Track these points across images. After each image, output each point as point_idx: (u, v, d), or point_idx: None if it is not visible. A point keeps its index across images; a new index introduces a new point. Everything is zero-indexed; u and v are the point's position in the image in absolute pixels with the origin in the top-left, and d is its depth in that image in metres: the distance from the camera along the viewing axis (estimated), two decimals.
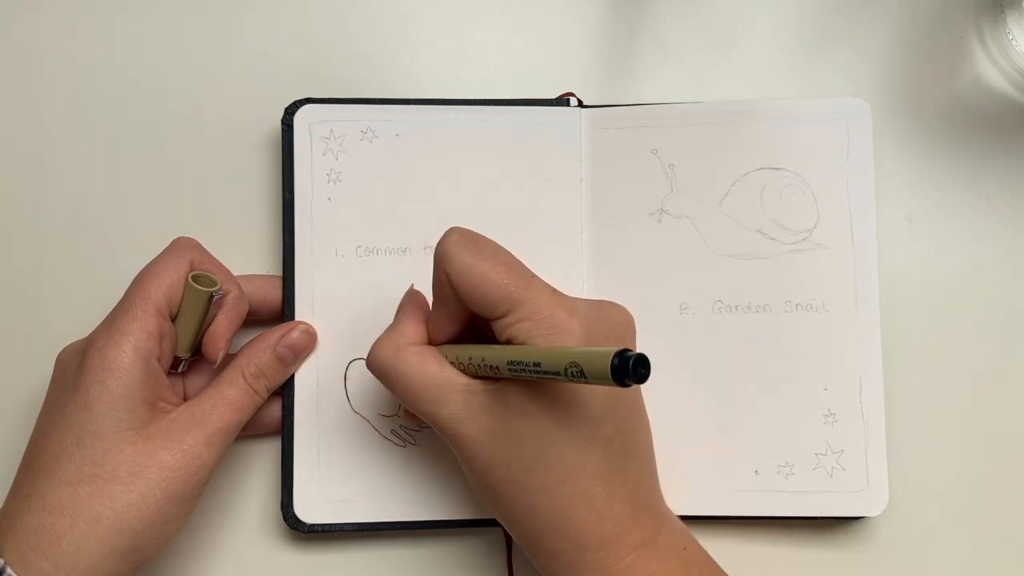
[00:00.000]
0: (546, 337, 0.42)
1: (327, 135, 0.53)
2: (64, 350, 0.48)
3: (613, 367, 0.36)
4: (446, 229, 0.44)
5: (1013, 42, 0.55)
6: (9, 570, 0.42)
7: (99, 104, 0.56)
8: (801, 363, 0.53)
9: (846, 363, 0.53)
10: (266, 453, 0.53)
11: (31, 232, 0.55)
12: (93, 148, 0.55)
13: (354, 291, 0.52)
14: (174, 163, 0.55)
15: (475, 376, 0.44)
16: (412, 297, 0.49)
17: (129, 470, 0.44)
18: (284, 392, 0.52)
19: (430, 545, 0.53)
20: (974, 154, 0.56)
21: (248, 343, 0.50)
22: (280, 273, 0.53)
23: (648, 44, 0.57)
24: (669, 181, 0.54)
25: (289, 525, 0.51)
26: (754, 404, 0.53)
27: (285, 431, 0.52)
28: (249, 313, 0.51)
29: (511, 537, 0.52)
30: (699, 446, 0.52)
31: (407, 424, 0.52)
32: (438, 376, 0.44)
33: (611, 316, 0.45)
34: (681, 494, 0.52)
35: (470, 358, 0.44)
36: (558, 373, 0.39)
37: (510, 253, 0.44)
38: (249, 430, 0.50)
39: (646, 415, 0.47)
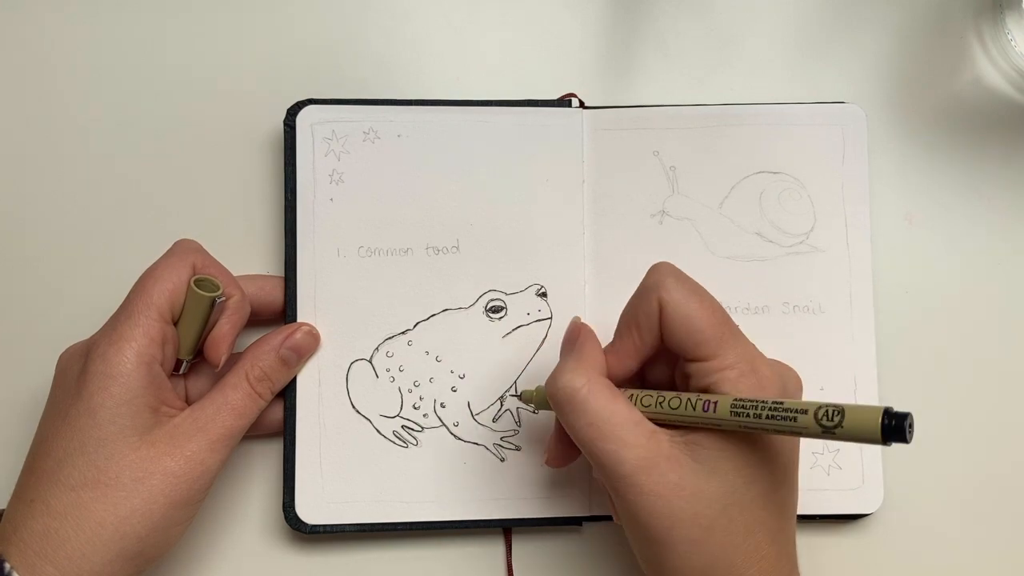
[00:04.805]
0: (750, 391, 0.41)
1: (329, 136, 0.53)
2: (65, 352, 0.48)
3: (884, 427, 0.35)
4: (657, 262, 0.44)
5: (1012, 43, 0.55)
6: (15, 574, 0.42)
7: (101, 105, 0.55)
8: (798, 363, 0.52)
9: (841, 364, 0.53)
10: (268, 454, 0.53)
11: (33, 233, 0.54)
12: (95, 149, 0.55)
13: (356, 291, 0.53)
14: (176, 164, 0.55)
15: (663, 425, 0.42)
16: (586, 333, 0.46)
17: (132, 476, 0.44)
18: (286, 393, 0.52)
19: (431, 545, 0.53)
20: (974, 154, 0.56)
21: (251, 346, 0.50)
22: (282, 273, 0.53)
23: (648, 46, 0.57)
24: (670, 183, 0.54)
25: (291, 526, 0.51)
26: None
27: (287, 432, 0.52)
28: (251, 313, 0.51)
29: (511, 538, 0.53)
30: None
31: (552, 464, 0.49)
32: (627, 416, 0.42)
33: (793, 379, 0.45)
34: None
35: (668, 401, 0.42)
36: (801, 414, 0.37)
37: (717, 300, 0.43)
38: (251, 431, 0.50)
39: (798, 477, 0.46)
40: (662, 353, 0.45)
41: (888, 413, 0.35)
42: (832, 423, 0.36)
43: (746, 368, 0.41)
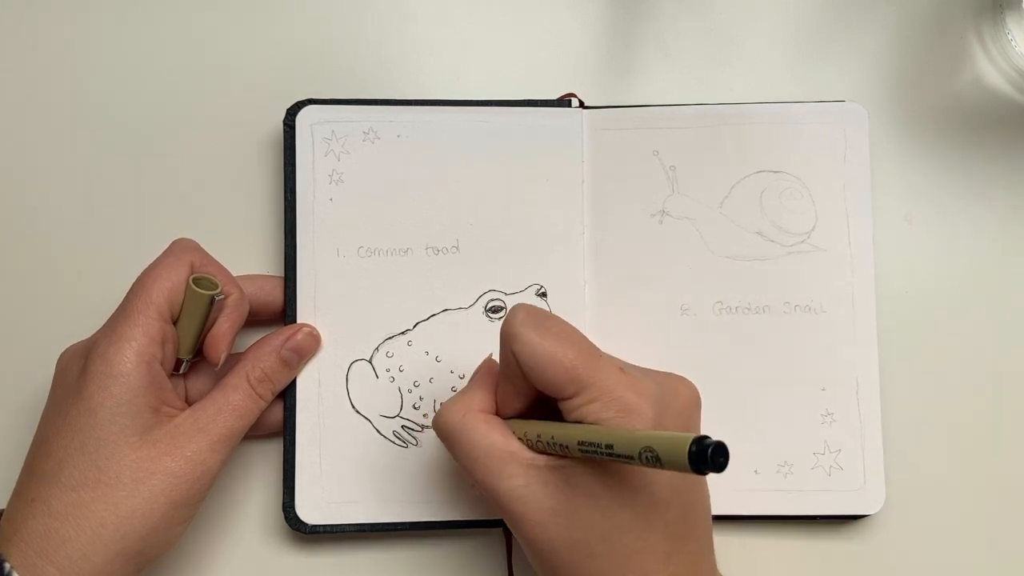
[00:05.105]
0: (615, 419, 0.41)
1: (329, 136, 0.53)
2: (65, 352, 0.48)
3: (691, 455, 0.35)
4: (513, 306, 0.44)
5: (1012, 43, 0.55)
6: (15, 574, 0.42)
7: (101, 104, 0.55)
8: (799, 364, 0.53)
9: (843, 364, 0.53)
10: (268, 454, 0.53)
11: (32, 232, 0.55)
12: (94, 148, 0.55)
13: (356, 291, 0.52)
14: (176, 164, 0.55)
15: (541, 452, 0.43)
16: (486, 366, 0.48)
17: (133, 476, 0.44)
18: (286, 393, 0.52)
19: (431, 545, 0.53)
20: (974, 154, 0.56)
21: (252, 347, 0.50)
22: (282, 273, 0.53)
23: (648, 45, 0.57)
24: (670, 183, 0.54)
25: (291, 526, 0.51)
26: (754, 404, 0.53)
27: (287, 432, 0.52)
28: (251, 313, 0.51)
29: (511, 538, 0.52)
30: None
31: (473, 491, 0.51)
32: (503, 447, 0.43)
33: (678, 393, 0.44)
34: None
35: (539, 435, 0.42)
36: (631, 457, 0.38)
37: (578, 331, 0.44)
38: (251, 432, 0.50)
39: (707, 491, 0.46)
40: None
41: (696, 441, 0.35)
42: (656, 463, 0.37)
43: (607, 399, 0.41)
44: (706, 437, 0.35)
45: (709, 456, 0.35)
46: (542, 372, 0.42)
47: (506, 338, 0.43)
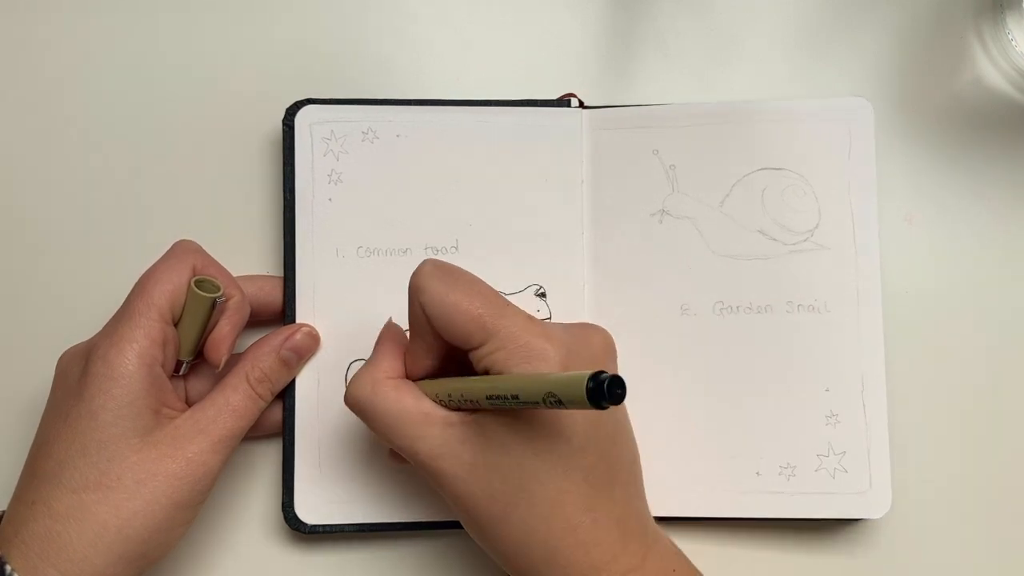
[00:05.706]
0: (522, 365, 0.41)
1: (328, 136, 0.53)
2: (65, 353, 0.48)
3: (588, 391, 0.36)
4: (421, 263, 0.45)
5: (1013, 42, 0.55)
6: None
7: (100, 105, 0.55)
8: (803, 364, 0.53)
9: (848, 364, 0.52)
10: (267, 453, 0.53)
11: (32, 233, 0.55)
12: (94, 149, 0.55)
13: (355, 292, 0.52)
14: (175, 164, 0.55)
15: (455, 410, 0.43)
16: (389, 331, 0.48)
17: (134, 478, 0.44)
18: (285, 393, 0.52)
19: (431, 545, 0.53)
20: (974, 154, 0.56)
21: (251, 347, 0.50)
22: (281, 273, 0.53)
23: (649, 44, 0.57)
24: (670, 182, 0.54)
25: (290, 525, 0.51)
26: (756, 405, 0.52)
27: (286, 432, 0.52)
28: (250, 314, 0.51)
29: None
30: (700, 447, 0.52)
31: (391, 464, 0.51)
32: (415, 410, 0.44)
33: (589, 339, 0.45)
34: (682, 495, 0.52)
35: (449, 393, 0.43)
36: (537, 403, 0.38)
37: (485, 283, 0.44)
38: (251, 432, 0.49)
39: (631, 438, 0.46)
40: None
41: (592, 377, 0.36)
42: (559, 406, 0.38)
43: (513, 347, 0.42)
44: (602, 372, 0.36)
45: (606, 389, 0.35)
46: (449, 322, 0.42)
47: (414, 291, 0.44)
